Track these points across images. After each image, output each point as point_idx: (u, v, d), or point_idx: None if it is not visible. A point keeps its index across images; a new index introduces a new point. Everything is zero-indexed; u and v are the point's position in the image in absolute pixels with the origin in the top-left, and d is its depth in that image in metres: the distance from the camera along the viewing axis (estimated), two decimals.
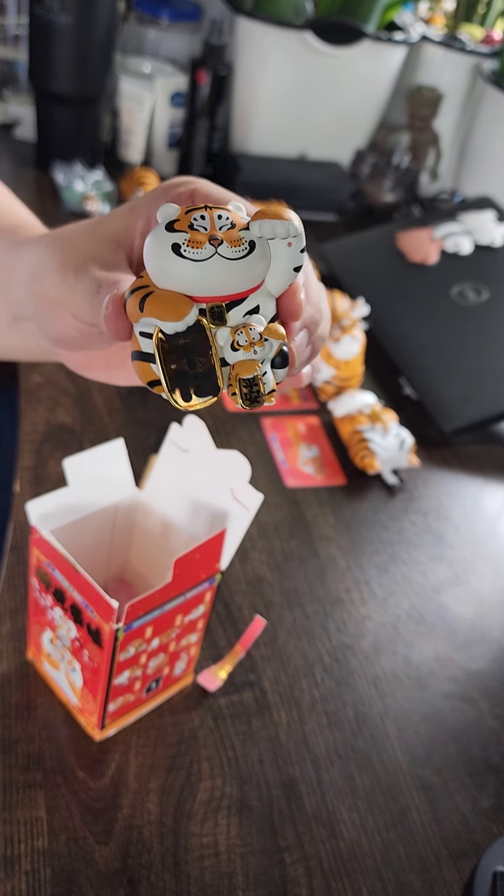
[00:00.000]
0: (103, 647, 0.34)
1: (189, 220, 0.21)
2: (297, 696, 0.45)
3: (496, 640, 0.51)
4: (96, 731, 0.39)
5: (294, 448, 0.61)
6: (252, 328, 0.21)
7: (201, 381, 0.21)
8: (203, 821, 0.38)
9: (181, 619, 0.38)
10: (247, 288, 0.21)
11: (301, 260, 0.22)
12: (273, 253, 0.21)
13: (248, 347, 0.21)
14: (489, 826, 0.41)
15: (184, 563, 0.33)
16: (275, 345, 0.22)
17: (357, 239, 0.84)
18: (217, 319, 0.21)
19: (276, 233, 0.21)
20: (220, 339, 0.21)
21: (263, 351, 0.21)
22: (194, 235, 0.21)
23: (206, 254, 0.20)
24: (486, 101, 0.89)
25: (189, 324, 0.21)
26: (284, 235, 0.21)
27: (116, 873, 0.35)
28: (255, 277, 0.21)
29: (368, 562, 0.54)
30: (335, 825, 0.39)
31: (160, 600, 0.34)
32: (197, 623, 0.39)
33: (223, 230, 0.21)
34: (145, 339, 0.21)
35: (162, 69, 0.93)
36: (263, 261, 0.21)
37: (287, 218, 0.21)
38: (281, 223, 0.21)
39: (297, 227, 0.22)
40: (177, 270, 0.21)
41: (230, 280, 0.21)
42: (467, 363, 0.69)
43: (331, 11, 0.87)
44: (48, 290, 0.26)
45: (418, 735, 0.44)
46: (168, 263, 0.21)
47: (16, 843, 0.35)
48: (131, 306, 0.21)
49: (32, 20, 0.76)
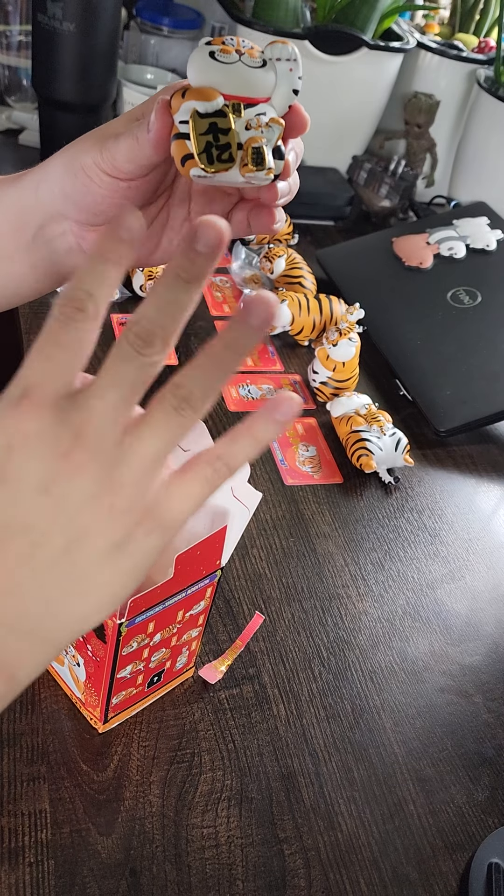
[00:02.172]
0: (107, 642, 0.35)
1: (221, 40, 0.29)
2: (295, 689, 0.45)
3: (490, 635, 0.52)
4: (99, 724, 0.40)
5: (293, 448, 0.62)
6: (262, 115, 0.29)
7: (221, 150, 0.28)
8: (204, 812, 0.39)
9: (182, 614, 0.38)
10: (259, 95, 0.29)
11: (298, 84, 0.29)
12: (278, 74, 0.29)
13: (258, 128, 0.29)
14: (484, 818, 0.42)
15: (185, 559, 0.34)
16: (277, 131, 0.29)
17: (354, 244, 0.85)
18: (236, 112, 0.28)
19: (281, 54, 0.29)
20: (238, 125, 0.28)
21: (269, 132, 0.29)
22: (225, 48, 0.28)
23: (233, 59, 0.28)
24: (481, 108, 0.90)
25: (217, 107, 0.28)
26: (287, 57, 0.29)
27: (118, 864, 0.36)
28: (266, 87, 0.29)
29: (365, 558, 0.55)
30: (333, 817, 0.40)
31: (162, 596, 0.35)
32: (198, 618, 0.40)
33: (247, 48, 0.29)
34: (183, 124, 0.28)
35: (164, 76, 0.94)
36: (272, 74, 0.29)
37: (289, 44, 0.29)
38: (284, 47, 0.29)
39: (295, 52, 0.29)
40: (211, 69, 0.28)
41: (248, 82, 0.28)
42: (461, 365, 0.70)
43: (329, 20, 0.88)
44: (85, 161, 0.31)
45: (414, 728, 0.45)
46: (205, 64, 0.28)
47: (20, 835, 0.36)
48: (175, 99, 0.28)
49: (36, 28, 0.77)
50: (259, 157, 0.28)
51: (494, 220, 0.83)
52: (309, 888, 0.37)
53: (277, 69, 0.29)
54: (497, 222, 0.83)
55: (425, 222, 0.85)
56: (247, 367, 0.69)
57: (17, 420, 0.22)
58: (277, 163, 0.29)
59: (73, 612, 0.23)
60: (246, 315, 0.23)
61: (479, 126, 0.91)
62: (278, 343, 0.73)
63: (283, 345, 0.73)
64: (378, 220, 0.96)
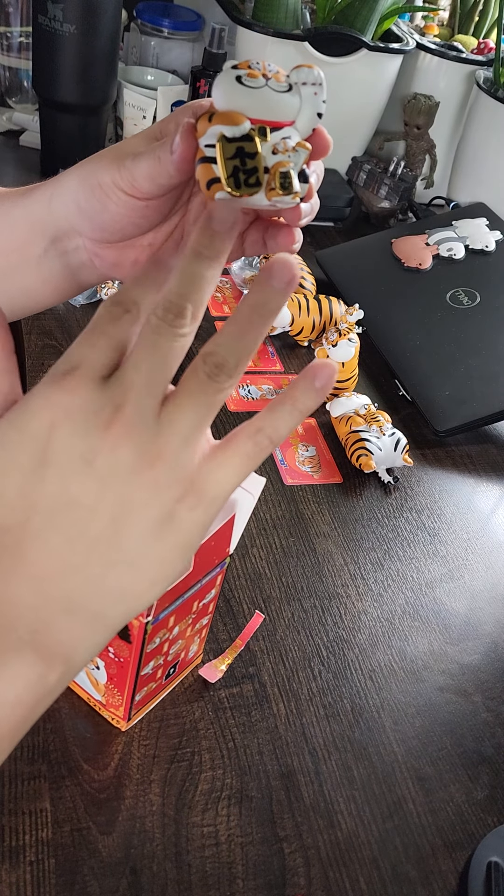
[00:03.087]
0: (132, 642, 0.35)
1: (248, 64, 0.29)
2: (295, 688, 0.45)
3: (489, 634, 0.52)
4: (122, 722, 0.40)
5: (292, 448, 0.62)
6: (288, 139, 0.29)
7: (248, 174, 0.28)
8: (204, 811, 0.39)
9: (197, 604, 0.39)
10: (285, 119, 0.29)
11: (322, 108, 0.30)
12: (303, 97, 0.29)
13: (284, 152, 0.29)
14: (483, 817, 0.42)
15: (201, 551, 0.35)
16: (303, 155, 0.29)
17: (353, 245, 0.85)
18: (262, 135, 0.29)
19: (307, 78, 0.29)
20: (264, 149, 0.28)
21: (295, 156, 0.29)
22: (251, 73, 0.29)
23: (260, 84, 0.29)
24: (480, 109, 0.90)
25: (244, 132, 0.28)
26: (313, 81, 0.29)
27: (119, 863, 0.36)
28: (291, 111, 0.29)
29: (364, 558, 0.55)
30: (333, 815, 0.40)
31: (182, 589, 0.35)
32: (209, 606, 0.41)
33: (273, 72, 0.29)
34: (209, 148, 0.28)
35: (164, 78, 0.94)
36: (297, 98, 0.29)
37: (315, 68, 0.29)
38: (310, 71, 0.29)
39: (321, 76, 0.29)
40: (238, 94, 0.28)
41: (274, 107, 0.29)
42: (460, 365, 0.70)
43: (328, 21, 0.89)
44: (102, 178, 0.31)
45: (413, 727, 0.45)
46: (232, 88, 0.28)
47: (20, 834, 0.36)
48: (202, 123, 0.29)
49: (37, 29, 0.77)
50: (287, 182, 0.29)
51: (493, 220, 0.84)
52: (309, 886, 0.37)
53: (302, 93, 0.29)
54: (496, 223, 0.83)
55: (424, 223, 0.85)
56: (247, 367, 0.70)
57: (60, 394, 0.22)
58: (303, 186, 0.29)
59: (126, 590, 0.22)
60: (269, 277, 0.23)
61: (478, 127, 0.91)
62: (278, 343, 0.74)
63: (283, 345, 0.74)
64: (377, 222, 0.96)
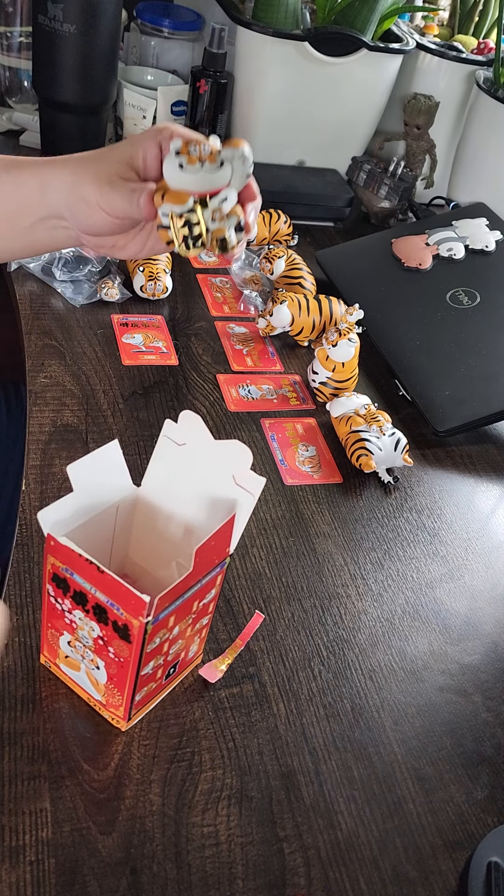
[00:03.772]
0: (132, 642, 0.35)
1: (188, 148, 0.39)
2: (295, 688, 0.45)
3: (489, 634, 0.52)
4: (122, 722, 0.40)
5: (292, 448, 0.62)
6: (223, 209, 0.39)
7: (195, 239, 0.39)
8: (204, 811, 0.39)
9: (197, 604, 0.39)
10: (219, 187, 0.39)
11: (250, 170, 0.39)
12: (234, 168, 0.39)
13: (221, 220, 0.39)
14: (483, 817, 0.42)
15: (202, 552, 0.35)
16: (234, 219, 0.39)
17: (353, 245, 0.85)
18: (203, 205, 0.39)
19: (235, 154, 0.39)
20: (205, 216, 0.39)
21: (229, 221, 0.39)
22: (190, 158, 0.38)
23: (197, 169, 0.38)
24: (480, 109, 0.90)
25: (188, 208, 0.38)
26: (240, 155, 0.39)
27: (119, 863, 0.36)
28: (224, 181, 0.39)
29: (364, 558, 0.55)
30: (333, 816, 0.40)
31: (182, 589, 0.36)
32: (209, 606, 0.41)
33: (206, 154, 0.38)
34: (165, 216, 0.39)
35: (164, 78, 0.94)
36: (229, 170, 0.39)
37: (242, 145, 0.39)
38: (236, 149, 0.39)
39: (245, 151, 0.39)
40: (181, 178, 0.38)
41: (210, 183, 0.38)
42: (460, 365, 0.70)
43: (328, 21, 0.89)
44: (87, 196, 0.40)
45: (413, 727, 0.45)
46: (176, 174, 0.38)
47: (21, 834, 0.36)
48: (157, 198, 0.39)
49: (37, 29, 0.77)
50: (223, 245, 0.39)
51: (493, 220, 0.84)
52: (309, 886, 0.37)
53: (234, 164, 0.39)
54: (496, 223, 0.83)
55: (424, 223, 0.85)
56: (247, 367, 0.70)
57: None
58: (239, 235, 0.40)
59: None
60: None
61: (478, 127, 0.91)
62: (278, 343, 0.74)
63: (283, 345, 0.74)
64: (377, 221, 0.96)
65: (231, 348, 0.71)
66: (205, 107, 0.86)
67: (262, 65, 0.86)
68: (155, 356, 0.67)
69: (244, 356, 0.71)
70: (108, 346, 0.66)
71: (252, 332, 0.74)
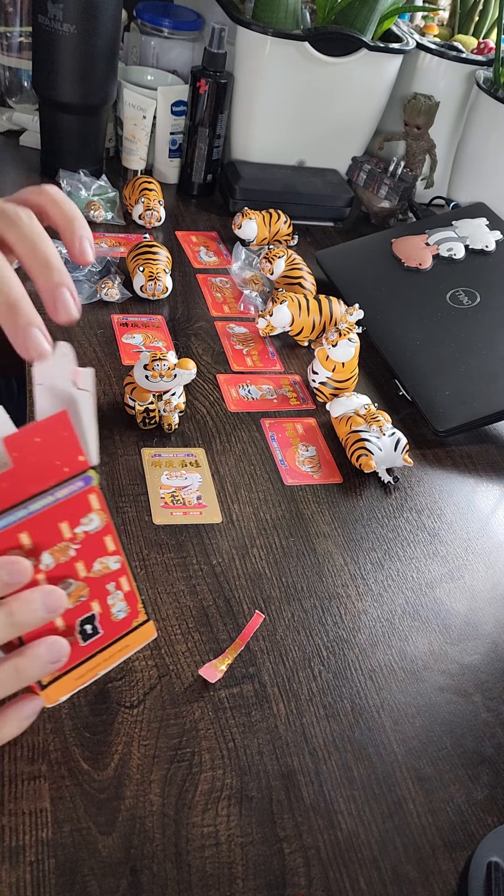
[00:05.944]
0: None
1: (153, 364, 0.56)
2: (295, 688, 0.45)
3: (489, 634, 0.52)
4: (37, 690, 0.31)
5: (292, 448, 0.62)
6: (171, 402, 0.58)
7: (151, 419, 0.58)
8: (204, 811, 0.39)
9: (68, 528, 0.31)
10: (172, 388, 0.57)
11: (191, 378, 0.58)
12: (182, 376, 0.56)
13: (170, 412, 0.58)
14: (483, 817, 0.42)
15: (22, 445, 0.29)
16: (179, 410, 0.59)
17: (353, 245, 0.85)
18: (160, 399, 0.58)
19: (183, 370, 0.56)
20: (160, 406, 0.58)
21: (176, 412, 0.59)
22: (153, 373, 0.56)
23: (158, 379, 0.56)
24: (480, 109, 0.90)
25: (148, 402, 0.57)
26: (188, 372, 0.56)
27: (119, 863, 0.36)
28: (174, 385, 0.57)
29: (364, 558, 0.55)
30: (333, 816, 0.40)
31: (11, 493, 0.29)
32: (102, 539, 0.32)
33: (166, 369, 0.55)
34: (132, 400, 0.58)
35: (164, 78, 0.94)
36: (178, 379, 0.56)
37: (188, 368, 0.56)
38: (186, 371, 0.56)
39: (192, 371, 0.57)
40: (147, 384, 0.56)
41: (166, 386, 0.56)
42: (460, 365, 0.70)
43: (328, 21, 0.89)
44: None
45: (413, 727, 0.45)
46: (144, 380, 0.56)
47: (20, 834, 0.36)
48: (127, 390, 0.59)
49: (37, 29, 0.77)
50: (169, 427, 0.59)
51: (493, 220, 0.84)
52: (309, 887, 0.37)
53: (182, 376, 0.56)
54: (496, 223, 0.83)
55: (424, 223, 0.85)
56: (247, 367, 0.70)
57: None
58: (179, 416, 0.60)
59: None
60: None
61: (478, 127, 0.91)
62: (278, 343, 0.74)
63: (283, 345, 0.74)
64: (377, 221, 0.96)
65: (231, 348, 0.71)
66: (205, 107, 0.86)
67: (261, 65, 0.86)
68: None
69: (244, 356, 0.71)
70: (108, 346, 0.67)
71: (252, 332, 0.74)
